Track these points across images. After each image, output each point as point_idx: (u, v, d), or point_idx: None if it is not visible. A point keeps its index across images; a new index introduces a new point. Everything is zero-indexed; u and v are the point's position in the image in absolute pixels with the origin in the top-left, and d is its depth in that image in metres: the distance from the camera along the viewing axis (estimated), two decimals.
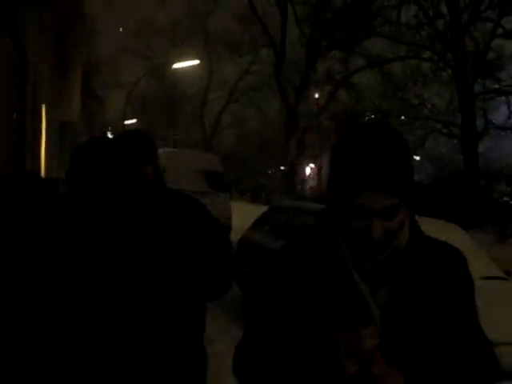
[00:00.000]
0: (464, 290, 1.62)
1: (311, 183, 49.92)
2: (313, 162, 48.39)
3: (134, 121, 37.31)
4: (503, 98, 21.46)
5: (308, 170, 47.78)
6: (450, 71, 21.40)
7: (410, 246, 1.56)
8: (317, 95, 28.13)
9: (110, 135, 39.18)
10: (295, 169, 26.15)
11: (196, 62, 24.05)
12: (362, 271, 1.50)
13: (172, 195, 2.49)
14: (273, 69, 27.33)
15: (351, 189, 1.42)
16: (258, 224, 9.36)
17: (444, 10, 20.23)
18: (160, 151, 16.03)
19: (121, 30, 39.83)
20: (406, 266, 1.54)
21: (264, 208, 10.19)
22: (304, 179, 44.03)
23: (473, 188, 19.43)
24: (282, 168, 30.89)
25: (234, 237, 11.16)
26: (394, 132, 1.47)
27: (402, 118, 25.01)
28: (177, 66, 24.87)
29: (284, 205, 10.26)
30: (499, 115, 22.34)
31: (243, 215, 15.00)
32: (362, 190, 1.41)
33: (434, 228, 7.24)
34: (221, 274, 2.49)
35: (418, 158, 35.93)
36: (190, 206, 2.49)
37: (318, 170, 47.10)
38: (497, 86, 21.13)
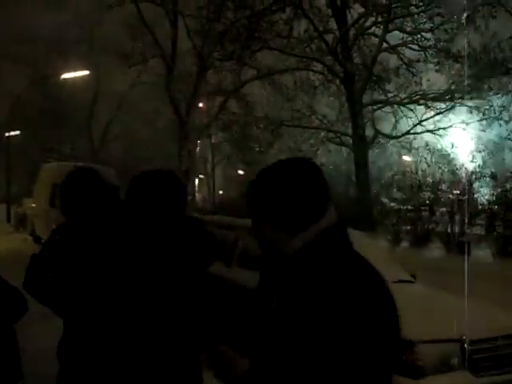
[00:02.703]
0: (336, 313, 1.58)
1: (202, 194, 49.94)
2: (203, 174, 48.47)
3: (17, 132, 35.47)
4: (390, 108, 22.64)
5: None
6: (338, 83, 22.28)
7: (295, 258, 1.69)
8: (206, 106, 28.22)
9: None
10: (188, 180, 25.95)
11: (85, 72, 23.33)
12: None
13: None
14: (163, 80, 27.01)
15: None
16: None
17: (333, 25, 21.09)
18: (50, 165, 15.23)
19: None
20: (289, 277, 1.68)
21: None
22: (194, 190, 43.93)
23: (364, 195, 20.30)
24: None
25: None
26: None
27: (292, 127, 25.66)
28: (65, 76, 24.00)
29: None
30: (386, 125, 23.55)
31: None
32: None
33: None
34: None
35: None
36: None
37: (212, 181, 47.28)
38: (384, 97, 22.26)
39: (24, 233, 23.80)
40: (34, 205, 21.96)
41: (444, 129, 22.10)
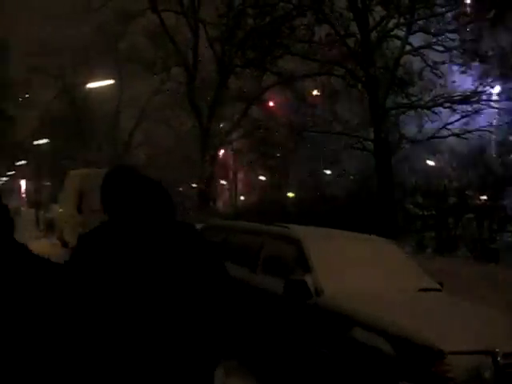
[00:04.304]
0: None
1: (223, 200, 50.01)
2: (225, 179, 48.53)
3: (45, 140, 36.04)
4: (413, 112, 22.22)
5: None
6: (360, 87, 22.01)
7: None
8: (227, 112, 28.26)
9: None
10: (210, 186, 26.05)
11: (110, 81, 23.66)
12: None
13: None
14: (185, 87, 27.16)
15: None
16: None
17: (355, 29, 20.88)
18: (77, 172, 15.53)
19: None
20: None
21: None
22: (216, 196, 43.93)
23: (387, 201, 19.96)
24: (194, 185, 30.74)
25: None
26: None
27: (315, 133, 25.48)
28: (91, 85, 24.39)
29: (216, 224, 10.15)
30: (410, 129, 23.13)
31: None
32: None
33: (366, 242, 7.31)
34: None
35: (328, 172, 36.81)
36: None
37: (233, 187, 47.33)
38: (407, 101, 21.87)
39: (52, 237, 24.12)
40: (61, 210, 22.30)
41: (471, 132, 21.62)
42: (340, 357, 5.28)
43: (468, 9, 19.76)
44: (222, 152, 37.93)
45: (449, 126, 21.63)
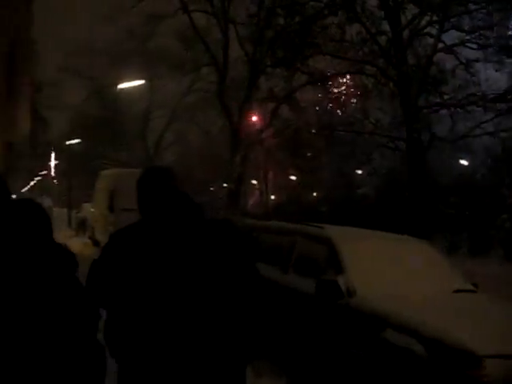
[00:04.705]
0: None
1: (254, 199, 49.98)
2: (255, 179, 48.46)
3: (77, 141, 36.51)
4: (446, 111, 21.89)
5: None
6: (391, 86, 21.77)
7: None
8: (258, 112, 28.19)
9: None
10: (240, 185, 26.02)
11: (141, 82, 23.89)
12: None
13: None
14: (215, 87, 27.22)
15: None
16: None
17: (386, 27, 20.70)
18: (108, 172, 15.78)
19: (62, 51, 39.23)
20: None
21: None
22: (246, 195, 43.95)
23: (420, 200, 19.67)
24: (225, 185, 30.82)
25: None
26: None
27: (344, 132, 25.25)
28: (122, 86, 24.66)
29: (248, 223, 10.15)
30: (442, 128, 22.81)
31: None
32: None
33: (400, 243, 7.19)
34: None
35: (360, 171, 36.45)
36: None
37: (264, 186, 47.19)
38: (440, 100, 21.56)
39: (84, 236, 24.43)
40: (93, 209, 22.61)
41: (505, 131, 21.19)
42: (372, 358, 5.23)
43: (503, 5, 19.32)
44: (252, 151, 37.88)
45: (482, 125, 21.25)
